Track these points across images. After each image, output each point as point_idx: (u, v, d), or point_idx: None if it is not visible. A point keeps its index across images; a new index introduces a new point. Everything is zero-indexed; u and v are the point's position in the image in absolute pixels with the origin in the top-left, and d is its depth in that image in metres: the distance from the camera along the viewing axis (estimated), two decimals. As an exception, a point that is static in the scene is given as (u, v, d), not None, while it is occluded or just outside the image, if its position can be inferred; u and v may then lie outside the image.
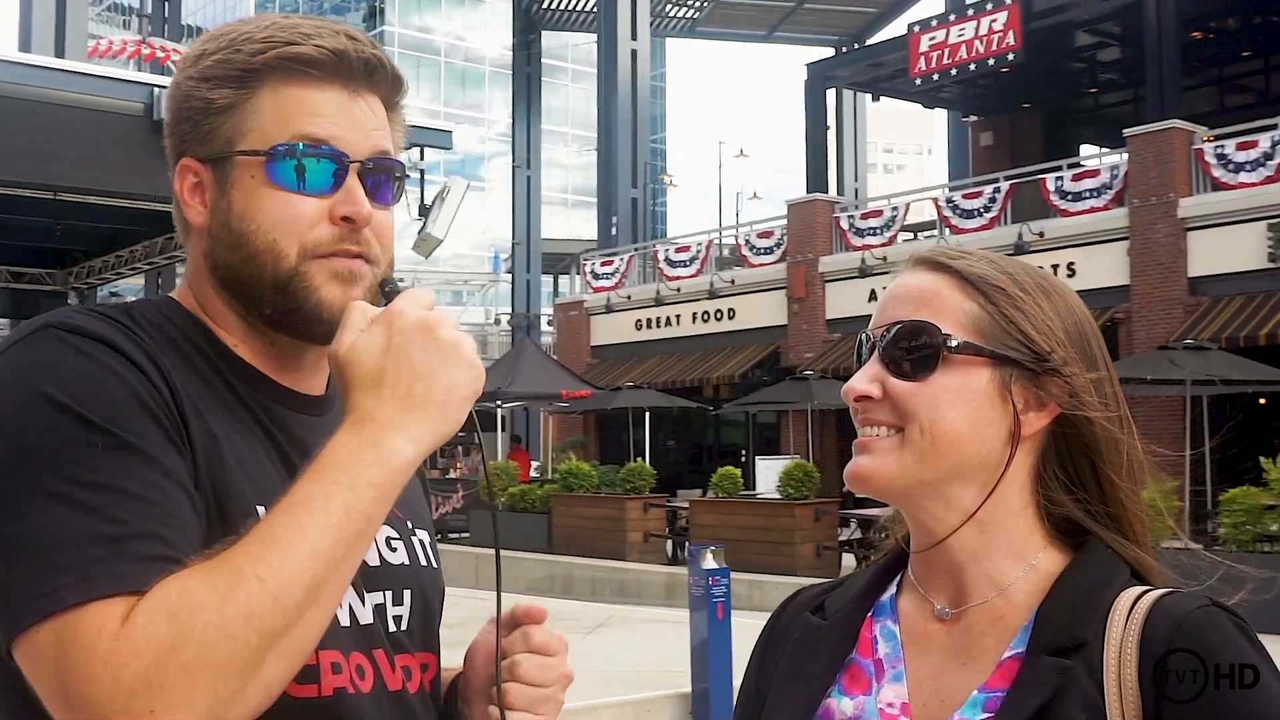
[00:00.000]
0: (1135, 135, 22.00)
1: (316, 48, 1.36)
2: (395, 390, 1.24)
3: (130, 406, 1.20)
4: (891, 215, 26.16)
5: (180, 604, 1.08)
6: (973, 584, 1.38)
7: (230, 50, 1.37)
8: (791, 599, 1.59)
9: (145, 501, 1.15)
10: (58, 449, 1.14)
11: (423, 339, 1.26)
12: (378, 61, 1.41)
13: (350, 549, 1.18)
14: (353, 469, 1.19)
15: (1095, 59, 32.34)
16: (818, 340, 26.45)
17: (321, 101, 1.37)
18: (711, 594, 8.04)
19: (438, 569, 1.56)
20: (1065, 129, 34.21)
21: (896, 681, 1.38)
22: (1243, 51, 30.70)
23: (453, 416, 1.26)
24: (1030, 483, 1.39)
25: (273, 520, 1.15)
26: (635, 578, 19.52)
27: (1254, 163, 20.33)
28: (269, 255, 1.36)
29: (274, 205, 1.36)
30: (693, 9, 44.42)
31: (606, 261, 32.33)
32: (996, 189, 24.14)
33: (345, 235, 1.37)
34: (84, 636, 1.07)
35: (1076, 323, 1.40)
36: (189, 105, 1.39)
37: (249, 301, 1.39)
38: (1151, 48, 25.65)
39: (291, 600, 1.12)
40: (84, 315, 1.27)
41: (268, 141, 1.36)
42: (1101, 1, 27.50)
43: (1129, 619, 1.27)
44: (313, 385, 1.48)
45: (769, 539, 18.78)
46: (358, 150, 1.38)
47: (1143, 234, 21.14)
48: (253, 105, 1.37)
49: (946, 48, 29.14)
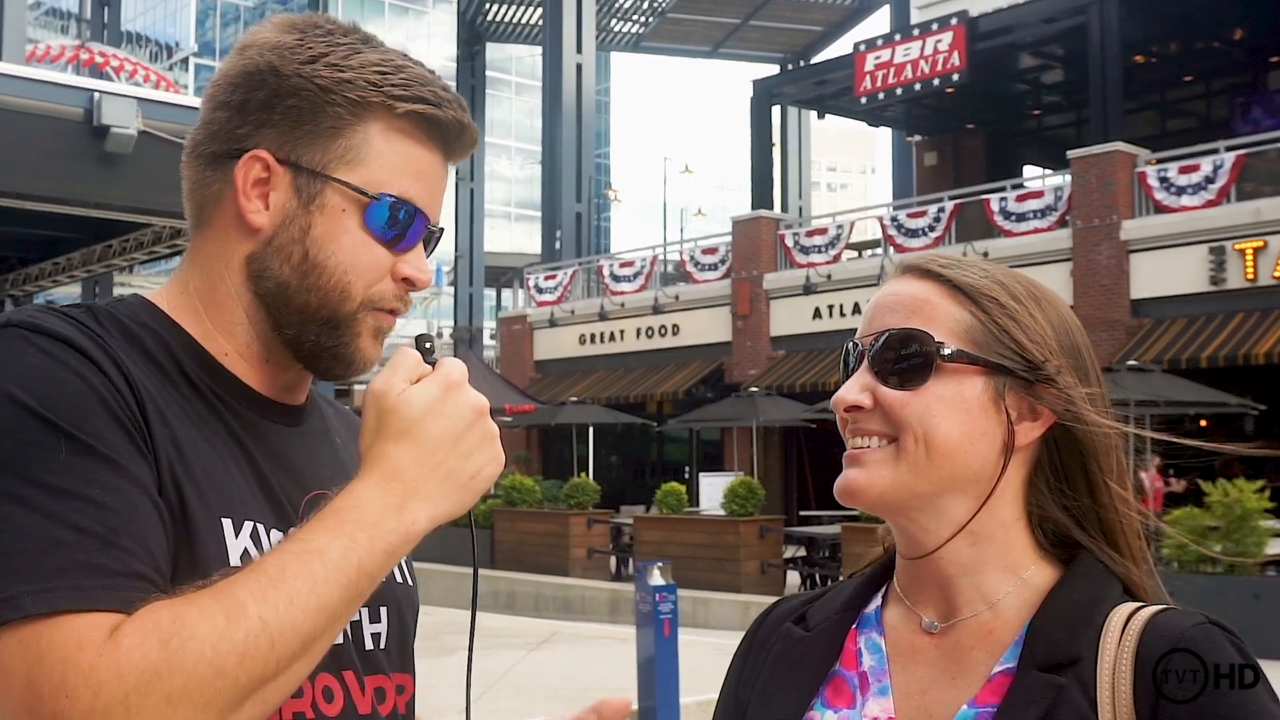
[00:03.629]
0: (1078, 157, 22.28)
1: (448, 115, 1.36)
2: (433, 457, 1.23)
3: (94, 410, 1.15)
4: (836, 233, 26.30)
5: (173, 631, 1.05)
6: (962, 597, 1.36)
7: (360, 75, 1.33)
8: (772, 609, 1.56)
9: (109, 509, 1.10)
10: (19, 451, 1.10)
11: (474, 419, 1.26)
12: (473, 139, 1.41)
13: (350, 606, 1.16)
14: (374, 530, 1.18)
15: (1039, 81, 32.71)
16: (762, 357, 26.52)
17: (428, 163, 1.37)
18: (659, 610, 8.01)
19: (413, 586, 1.53)
20: (1009, 150, 34.59)
21: (882, 695, 1.36)
22: (1184, 76, 31.19)
23: (467, 502, 1.27)
24: (1022, 494, 1.37)
25: (282, 561, 1.12)
26: (579, 594, 19.47)
27: (1196, 186, 20.63)
28: (336, 292, 1.34)
29: (359, 248, 1.34)
30: (638, 24, 44.54)
31: (550, 275, 32.28)
32: (941, 208, 24.35)
33: (401, 294, 1.37)
34: (60, 649, 1.03)
35: (1068, 331, 1.39)
36: (291, 101, 1.32)
37: (287, 323, 1.35)
38: (1095, 71, 25.99)
39: (287, 649, 1.09)
40: (47, 315, 1.22)
41: (374, 185, 1.33)
42: (1045, 24, 27.81)
43: (1123, 635, 1.25)
44: (292, 398, 1.44)
45: (713, 555, 18.81)
46: (434, 215, 1.39)
47: (1086, 255, 21.39)
48: (363, 138, 1.33)
49: (892, 67, 29.35)
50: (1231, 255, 19.92)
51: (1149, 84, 30.40)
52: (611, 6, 42.75)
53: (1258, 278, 19.63)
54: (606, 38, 44.08)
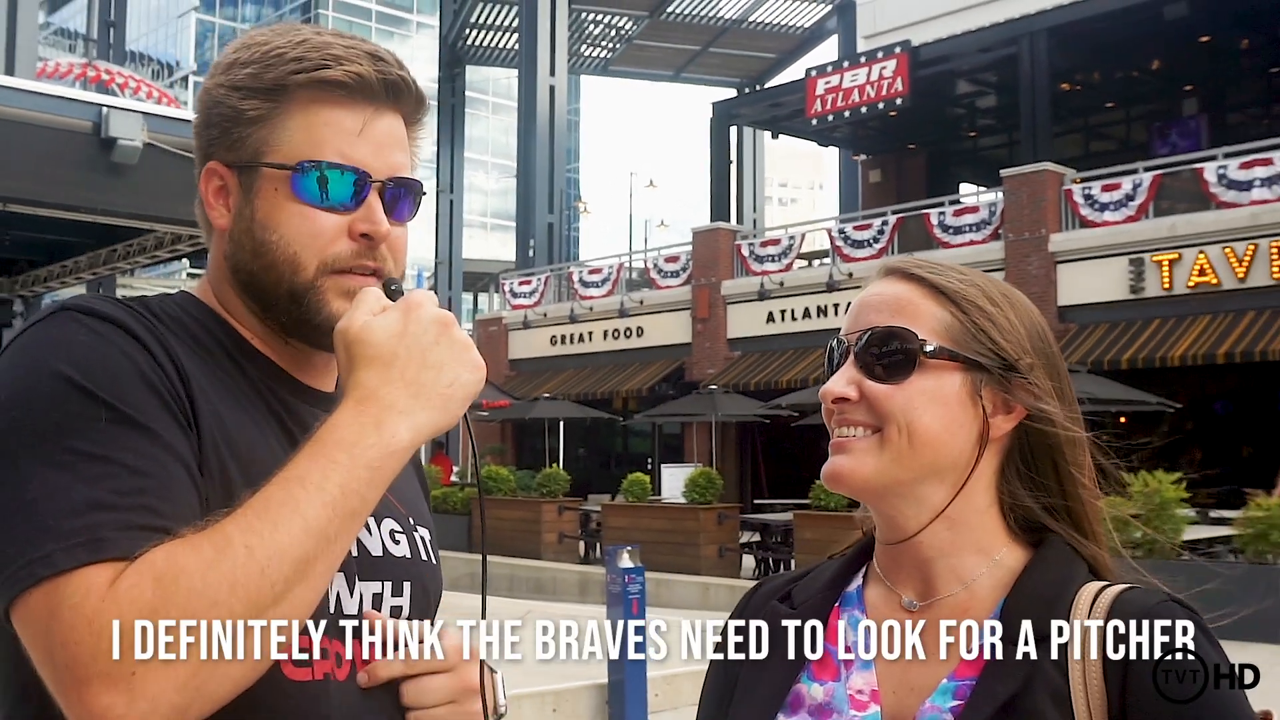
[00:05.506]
0: (1010, 176, 22.40)
1: (346, 73, 1.32)
2: (404, 375, 1.20)
3: (135, 383, 1.16)
4: (788, 244, 26.35)
5: (165, 568, 1.04)
6: (940, 578, 1.35)
7: (262, 65, 1.33)
8: (758, 588, 1.55)
9: (142, 474, 1.11)
10: (61, 421, 1.11)
11: (438, 332, 1.23)
12: (403, 83, 1.37)
13: (343, 528, 1.13)
14: (353, 448, 1.15)
15: (975, 105, 32.89)
16: (719, 357, 26.53)
17: (347, 121, 1.33)
18: (628, 591, 8.02)
19: (437, 565, 1.50)
20: (947, 169, 34.74)
21: (865, 669, 1.35)
22: (1107, 102, 31.40)
23: (453, 412, 1.22)
24: (995, 482, 1.37)
25: (267, 493, 1.11)
26: (550, 576, 19.46)
27: (1117, 203, 20.79)
28: (288, 266, 1.32)
29: (296, 219, 1.32)
30: (607, 50, 44.51)
31: (524, 281, 32.19)
32: (885, 222, 24.42)
33: (363, 250, 1.34)
34: (71, 599, 1.03)
35: (1039, 332, 1.40)
36: (218, 111, 1.35)
37: (266, 306, 1.35)
38: (1025, 96, 26.17)
39: (280, 574, 1.07)
40: (101, 300, 1.23)
41: (294, 157, 1.32)
42: (981, 53, 27.98)
43: (1092, 611, 1.25)
44: (324, 383, 1.44)
45: (675, 540, 18.82)
46: (378, 169, 1.35)
47: (1017, 266, 21.51)
48: (281, 120, 1.33)
49: (840, 91, 29.43)
50: (1149, 266, 20.09)
51: (1075, 109, 30.60)
52: (582, 33, 42.71)
53: (1173, 287, 19.81)
54: (577, 62, 44.02)
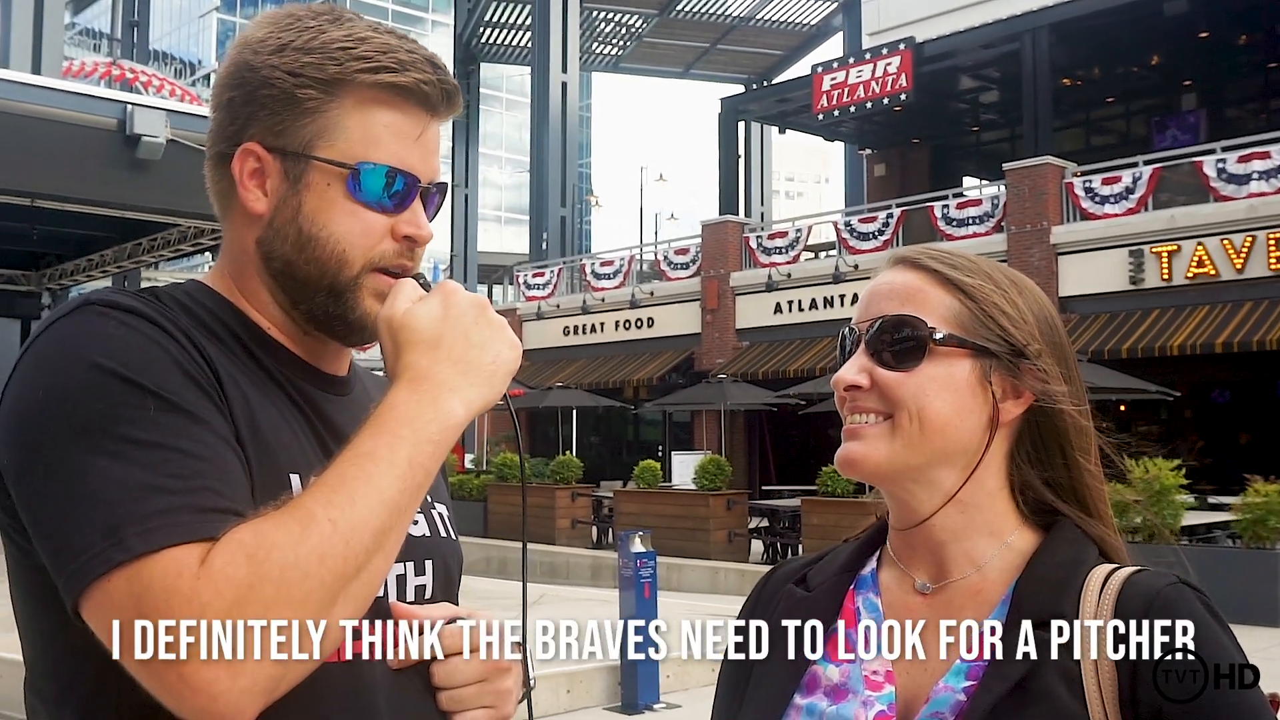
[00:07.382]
0: (1013, 169, 22.31)
1: (413, 79, 1.30)
2: (451, 354, 1.22)
3: (173, 370, 1.15)
4: (795, 236, 26.29)
5: (256, 545, 1.04)
6: (952, 561, 1.34)
7: (325, 56, 1.29)
8: (774, 571, 1.53)
9: (198, 458, 1.10)
10: (110, 412, 1.10)
11: (476, 314, 1.26)
12: (456, 93, 1.36)
13: (412, 499, 1.15)
14: (415, 423, 1.16)
15: (978, 101, 32.78)
16: (728, 347, 26.50)
17: (406, 126, 1.32)
18: (640, 575, 8.03)
19: (456, 541, 1.50)
20: (950, 162, 34.63)
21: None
22: (1107, 98, 31.26)
23: (497, 386, 1.25)
24: (1005, 466, 1.36)
25: (341, 469, 1.12)
26: (564, 560, 19.47)
27: (1117, 196, 20.71)
28: (334, 262, 1.31)
29: (349, 217, 1.30)
30: (617, 47, 44.48)
31: (538, 273, 32.18)
32: (889, 215, 24.35)
33: (404, 251, 1.33)
34: (163, 579, 1.02)
35: (1047, 319, 1.38)
36: (267, 93, 1.29)
37: (298, 297, 1.33)
38: (1027, 92, 26.09)
39: (361, 545, 1.08)
40: (119, 293, 1.22)
41: (349, 154, 1.29)
42: (984, 50, 27.88)
43: (1102, 593, 1.24)
44: (337, 368, 1.42)
45: (685, 526, 18.82)
46: (425, 173, 1.34)
47: (1019, 257, 21.43)
48: (338, 115, 1.29)
49: (846, 87, 29.37)
50: (1149, 258, 20.01)
51: (1076, 104, 30.49)
52: (594, 31, 42.66)
53: (1172, 278, 19.73)
54: (589, 59, 43.99)
